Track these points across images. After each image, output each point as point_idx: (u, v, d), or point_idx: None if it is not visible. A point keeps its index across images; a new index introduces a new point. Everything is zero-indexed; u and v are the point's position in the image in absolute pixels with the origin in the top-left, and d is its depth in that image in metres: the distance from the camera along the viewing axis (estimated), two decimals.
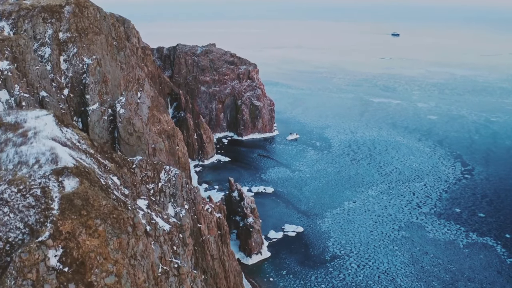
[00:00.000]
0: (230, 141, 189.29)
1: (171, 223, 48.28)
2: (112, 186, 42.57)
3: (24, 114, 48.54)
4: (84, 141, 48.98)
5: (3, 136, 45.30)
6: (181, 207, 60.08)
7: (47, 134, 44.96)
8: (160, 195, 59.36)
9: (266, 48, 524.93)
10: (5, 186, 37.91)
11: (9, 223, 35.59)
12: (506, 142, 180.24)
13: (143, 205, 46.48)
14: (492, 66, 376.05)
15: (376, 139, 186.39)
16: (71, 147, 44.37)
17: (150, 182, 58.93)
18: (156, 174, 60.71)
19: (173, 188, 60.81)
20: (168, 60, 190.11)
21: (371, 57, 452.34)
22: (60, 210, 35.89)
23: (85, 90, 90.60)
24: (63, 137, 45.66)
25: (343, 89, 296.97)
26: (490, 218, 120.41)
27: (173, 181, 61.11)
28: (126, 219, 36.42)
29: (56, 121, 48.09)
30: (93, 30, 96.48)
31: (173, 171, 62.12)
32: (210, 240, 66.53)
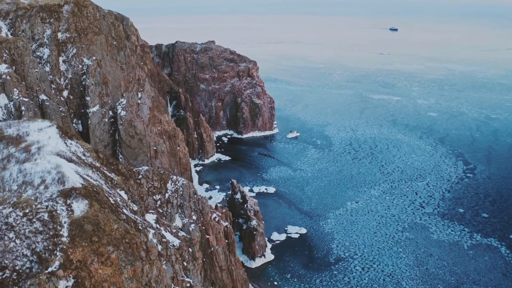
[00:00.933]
0: (230, 140, 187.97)
1: (180, 238, 47.03)
2: (121, 203, 41.13)
3: (26, 126, 46.83)
4: (89, 154, 47.42)
5: (4, 151, 43.54)
6: (189, 218, 58.80)
7: (51, 149, 43.24)
8: (167, 206, 58.02)
9: (263, 43, 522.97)
10: (10, 210, 36.11)
11: (16, 250, 33.55)
12: (507, 140, 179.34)
13: (151, 219, 45.23)
14: (490, 61, 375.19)
15: (377, 137, 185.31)
16: (77, 162, 42.82)
17: (157, 192, 57.58)
18: (163, 185, 59.36)
19: (181, 199, 59.51)
20: (167, 58, 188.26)
21: (369, 52, 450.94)
22: (70, 237, 34.24)
23: (85, 92, 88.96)
24: (68, 151, 44.03)
25: (342, 85, 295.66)
26: (494, 218, 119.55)
27: (180, 191, 59.77)
28: (139, 243, 35.05)
29: (60, 133, 46.47)
30: (92, 30, 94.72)
31: (180, 181, 60.79)
32: (218, 251, 65.38)
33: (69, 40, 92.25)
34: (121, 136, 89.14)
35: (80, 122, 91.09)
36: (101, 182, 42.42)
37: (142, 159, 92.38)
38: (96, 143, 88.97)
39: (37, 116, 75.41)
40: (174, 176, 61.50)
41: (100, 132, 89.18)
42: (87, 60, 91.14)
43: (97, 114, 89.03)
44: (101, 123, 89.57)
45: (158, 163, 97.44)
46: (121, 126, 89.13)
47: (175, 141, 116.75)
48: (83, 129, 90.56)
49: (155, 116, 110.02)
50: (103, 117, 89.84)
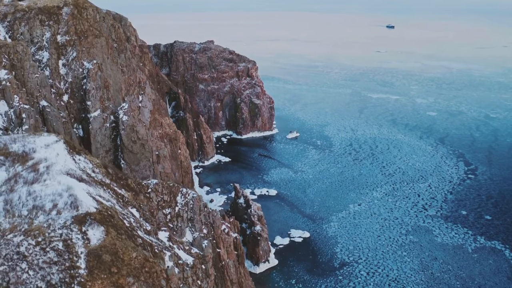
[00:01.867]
0: (230, 140, 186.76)
1: (193, 255, 45.92)
2: (135, 224, 39.81)
3: (32, 142, 44.96)
4: (98, 170, 45.96)
5: (11, 170, 41.64)
6: (200, 232, 57.65)
7: (60, 168, 41.44)
8: (177, 220, 56.83)
9: (259, 41, 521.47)
10: (21, 238, 34.12)
11: (29, 281, 31.51)
12: (507, 140, 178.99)
13: (164, 237, 44.04)
14: (487, 59, 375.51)
15: (377, 137, 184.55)
16: (88, 181, 41.36)
17: (166, 206, 56.37)
18: (173, 198, 58.12)
19: (191, 212, 58.30)
20: (165, 58, 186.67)
21: (366, 50, 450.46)
22: (88, 269, 32.64)
23: (86, 96, 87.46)
24: (77, 169, 42.50)
25: (340, 84, 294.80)
26: (497, 220, 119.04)
27: (190, 204, 58.58)
28: (159, 272, 33.88)
29: (67, 149, 44.88)
30: (93, 33, 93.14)
31: (190, 194, 59.59)
32: (229, 264, 64.28)
33: (69, 43, 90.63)
34: (123, 141, 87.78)
35: (80, 127, 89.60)
36: (113, 201, 40.96)
37: (144, 165, 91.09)
38: (97, 148, 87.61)
39: (38, 123, 74.02)
40: (184, 189, 60.28)
41: (101, 137, 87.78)
42: (88, 64, 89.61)
43: (98, 119, 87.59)
44: (103, 128, 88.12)
45: (161, 168, 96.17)
46: (123, 131, 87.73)
47: (176, 144, 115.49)
48: (84, 134, 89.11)
49: (156, 119, 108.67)
50: (104, 122, 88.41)
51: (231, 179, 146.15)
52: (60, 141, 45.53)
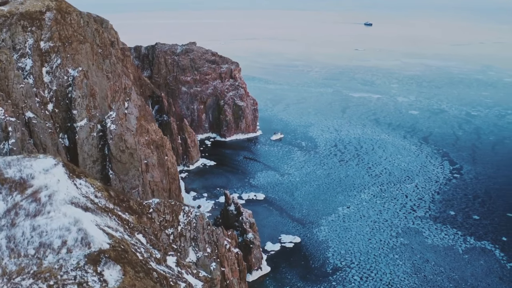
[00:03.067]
0: (214, 143, 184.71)
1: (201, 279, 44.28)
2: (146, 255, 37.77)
3: (28, 166, 41.92)
4: (100, 194, 43.68)
5: (9, 200, 38.46)
6: (203, 251, 55.96)
7: (64, 197, 38.67)
8: (180, 239, 54.95)
9: (237, 39, 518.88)
10: (31, 281, 31.17)
11: None
12: (490, 138, 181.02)
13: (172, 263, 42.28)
14: (465, 56, 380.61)
15: (362, 138, 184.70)
16: (93, 210, 39.05)
17: (169, 226, 54.43)
18: (175, 217, 56.18)
19: (194, 231, 56.52)
20: (147, 60, 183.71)
21: (345, 48, 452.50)
22: None
23: (72, 105, 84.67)
24: (80, 196, 40.05)
25: (321, 83, 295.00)
26: (485, 220, 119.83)
27: (193, 223, 56.75)
28: None
29: (67, 173, 42.38)
30: (77, 39, 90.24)
31: (193, 213, 57.77)
32: (234, 282, 62.75)
33: (53, 49, 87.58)
34: (111, 151, 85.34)
35: (66, 136, 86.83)
36: (121, 229, 38.79)
37: (133, 174, 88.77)
38: (85, 158, 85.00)
39: (25, 136, 71.17)
40: (186, 207, 58.43)
41: (88, 147, 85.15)
42: (73, 71, 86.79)
43: (85, 128, 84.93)
44: (90, 138, 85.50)
45: (150, 177, 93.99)
46: (111, 141, 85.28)
47: (163, 151, 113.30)
48: (70, 144, 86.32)
49: (142, 126, 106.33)
50: (91, 131, 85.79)
51: (217, 184, 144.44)
52: (59, 165, 42.83)
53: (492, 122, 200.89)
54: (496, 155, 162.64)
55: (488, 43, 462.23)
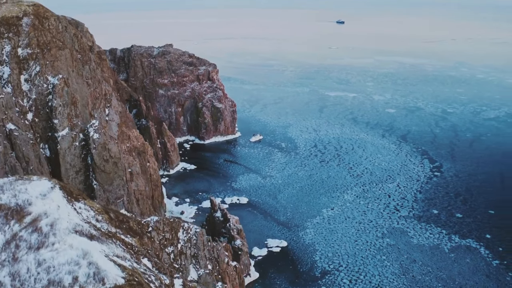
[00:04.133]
0: (192, 146, 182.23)
1: None
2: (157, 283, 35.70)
3: (23, 190, 38.56)
4: (101, 217, 41.19)
5: (7, 230, 35.23)
6: (204, 268, 54.14)
7: (67, 226, 35.62)
8: (180, 257, 52.97)
9: (210, 39, 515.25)
10: None
11: None
12: (467, 135, 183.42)
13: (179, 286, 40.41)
14: (438, 53, 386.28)
15: (341, 137, 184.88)
16: (98, 238, 36.46)
17: (168, 244, 52.32)
18: (174, 235, 54.10)
19: (194, 248, 54.60)
20: (123, 63, 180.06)
21: (318, 46, 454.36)
22: None
23: (52, 114, 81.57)
24: (83, 223, 37.31)
25: (297, 82, 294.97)
26: (468, 218, 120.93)
27: (193, 240, 54.84)
28: None
29: (66, 197, 39.77)
30: (56, 45, 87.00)
31: (192, 229, 55.82)
32: None
33: (31, 56, 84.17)
34: (95, 160, 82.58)
35: (47, 146, 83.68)
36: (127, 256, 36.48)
37: (118, 184, 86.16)
38: (67, 169, 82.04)
39: (7, 150, 68.00)
40: (185, 224, 56.43)
41: (71, 158, 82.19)
42: (52, 79, 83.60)
43: (67, 138, 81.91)
44: (72, 148, 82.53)
45: (134, 186, 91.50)
46: (94, 150, 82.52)
47: (144, 157, 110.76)
48: (51, 154, 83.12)
49: (123, 133, 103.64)
50: (73, 140, 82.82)
51: (199, 188, 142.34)
52: (56, 188, 39.98)
53: (468, 119, 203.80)
54: (474, 152, 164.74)
55: (459, 40, 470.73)
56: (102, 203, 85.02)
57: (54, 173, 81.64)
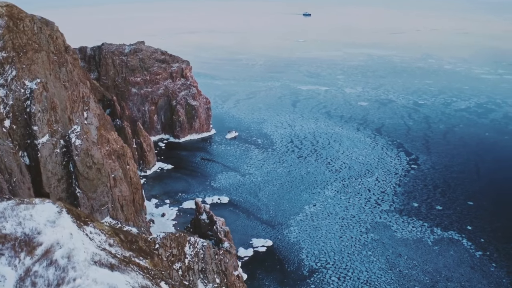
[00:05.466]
0: (168, 145, 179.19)
1: None
2: None
3: (28, 217, 34.75)
4: (112, 240, 38.62)
5: (17, 264, 31.45)
6: (213, 282, 52.51)
7: (85, 257, 32.58)
8: (188, 273, 51.10)
9: (176, 34, 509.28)
10: None
11: None
12: (440, 127, 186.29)
13: None
14: (404, 45, 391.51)
15: (316, 132, 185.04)
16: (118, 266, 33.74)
17: (176, 260, 50.32)
18: (181, 250, 52.09)
19: (202, 263, 52.85)
20: (93, 61, 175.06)
21: (286, 39, 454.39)
22: None
23: (31, 120, 78.11)
24: (99, 250, 34.25)
25: (268, 77, 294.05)
26: (448, 210, 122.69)
27: (201, 254, 53.07)
28: None
29: (75, 222, 36.72)
30: (32, 47, 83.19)
31: (199, 243, 54.05)
32: None
33: (6, 60, 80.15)
34: (78, 168, 79.54)
35: (26, 154, 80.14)
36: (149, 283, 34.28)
37: (102, 191, 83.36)
38: (49, 178, 78.78)
39: None
40: (192, 238, 54.49)
41: (52, 165, 78.91)
42: (30, 83, 79.93)
43: (48, 145, 78.55)
44: (53, 155, 79.21)
45: (118, 192, 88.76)
46: (77, 157, 79.46)
47: (124, 160, 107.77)
48: (31, 163, 79.66)
49: (102, 136, 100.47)
50: (54, 147, 79.51)
51: (178, 189, 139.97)
52: (63, 212, 36.43)
53: (440, 111, 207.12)
54: (448, 144, 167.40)
55: (424, 31, 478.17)
56: (86, 211, 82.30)
57: (35, 182, 78.36)
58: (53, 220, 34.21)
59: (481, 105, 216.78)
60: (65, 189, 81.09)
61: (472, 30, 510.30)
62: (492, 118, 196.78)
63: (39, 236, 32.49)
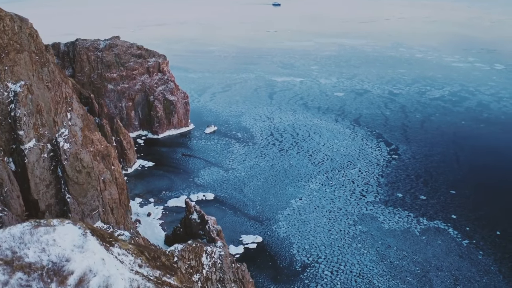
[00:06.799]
0: (146, 141, 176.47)
1: None
2: None
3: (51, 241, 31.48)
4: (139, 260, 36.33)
5: None
6: None
7: (124, 284, 29.80)
8: (207, 284, 49.95)
9: (146, 26, 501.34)
10: None
11: None
12: (416, 116, 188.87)
13: None
14: (374, 34, 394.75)
15: (295, 124, 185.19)
16: None
17: (194, 272, 48.98)
18: (198, 261, 50.79)
19: (220, 272, 51.80)
20: (67, 58, 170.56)
21: (257, 30, 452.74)
22: None
23: (17, 124, 75.27)
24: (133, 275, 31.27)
25: (241, 68, 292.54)
26: (432, 199, 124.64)
27: (218, 264, 51.95)
28: None
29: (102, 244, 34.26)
30: (14, 47, 79.91)
31: (216, 252, 52.86)
32: None
33: None
34: (67, 172, 77.16)
35: (11, 160, 77.31)
36: None
37: (92, 195, 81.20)
38: (37, 184, 76.19)
39: None
40: (208, 247, 53.31)
41: (40, 171, 76.30)
42: (13, 86, 76.87)
43: (35, 150, 75.84)
44: (40, 160, 76.57)
45: (108, 195, 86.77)
46: (66, 162, 77.04)
47: (109, 160, 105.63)
48: (17, 168, 76.90)
49: (86, 137, 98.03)
50: (41, 152, 76.85)
51: (161, 187, 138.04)
52: (87, 233, 32.99)
53: (415, 100, 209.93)
54: (426, 133, 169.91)
55: (393, 19, 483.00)
56: (77, 217, 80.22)
57: (22, 189, 75.76)
58: (80, 245, 31.52)
59: (455, 93, 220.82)
60: (54, 194, 78.71)
61: (439, 18, 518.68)
62: (467, 106, 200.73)
63: (68, 264, 29.57)
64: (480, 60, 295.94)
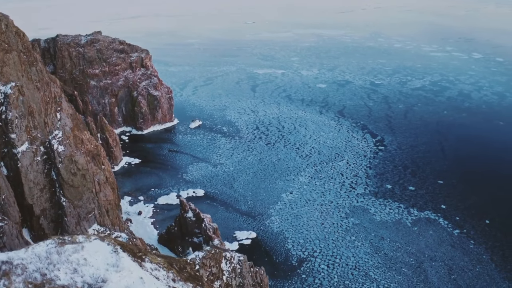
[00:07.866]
0: (131, 138, 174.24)
1: None
2: None
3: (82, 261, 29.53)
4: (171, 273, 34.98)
5: None
6: None
7: None
8: None
9: (121, 19, 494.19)
10: None
11: None
12: (399, 106, 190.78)
13: None
14: (352, 24, 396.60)
15: (280, 117, 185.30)
16: None
17: (215, 279, 48.31)
18: (218, 267, 50.13)
19: (239, 277, 51.29)
20: (48, 54, 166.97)
21: (233, 22, 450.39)
22: None
23: (8, 127, 73.28)
24: None
25: (222, 61, 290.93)
26: (420, 190, 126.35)
27: (238, 269, 51.40)
28: None
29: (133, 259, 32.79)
30: (2, 48, 77.56)
31: (235, 258, 52.27)
32: None
33: None
34: (62, 175, 75.58)
35: (3, 164, 75.34)
36: None
37: (87, 197, 79.81)
38: (31, 188, 74.43)
39: None
40: (227, 253, 52.69)
41: (34, 175, 74.52)
42: (3, 87, 74.72)
43: (28, 154, 73.98)
44: (34, 164, 74.76)
45: (103, 196, 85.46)
46: (60, 164, 75.44)
47: (99, 160, 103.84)
48: (9, 173, 74.98)
49: (76, 137, 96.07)
50: (34, 155, 75.03)
51: (150, 184, 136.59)
52: (118, 250, 30.61)
53: (397, 90, 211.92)
54: (410, 123, 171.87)
55: (369, 9, 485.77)
56: (73, 221, 78.90)
57: (16, 193, 74.06)
58: (114, 263, 29.80)
59: (435, 83, 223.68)
60: (48, 198, 77.15)
61: (414, 7, 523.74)
62: (448, 96, 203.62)
63: (105, 285, 27.41)
64: (458, 49, 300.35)
